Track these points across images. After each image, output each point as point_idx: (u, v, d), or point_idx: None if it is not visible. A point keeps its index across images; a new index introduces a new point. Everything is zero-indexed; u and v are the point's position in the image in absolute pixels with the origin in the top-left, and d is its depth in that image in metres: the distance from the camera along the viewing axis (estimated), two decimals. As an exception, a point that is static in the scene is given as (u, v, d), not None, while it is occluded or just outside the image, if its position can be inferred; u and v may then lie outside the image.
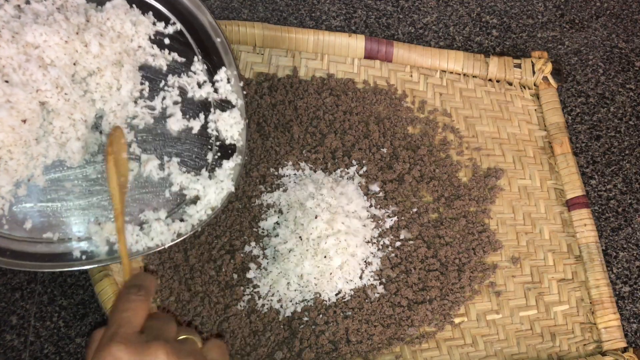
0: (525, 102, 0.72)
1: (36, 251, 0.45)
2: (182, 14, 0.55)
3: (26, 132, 0.45)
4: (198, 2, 0.55)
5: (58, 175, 0.47)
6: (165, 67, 0.53)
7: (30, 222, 0.46)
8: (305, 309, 0.56)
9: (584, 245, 0.66)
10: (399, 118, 0.66)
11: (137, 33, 0.51)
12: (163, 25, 0.53)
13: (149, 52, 0.52)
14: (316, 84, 0.65)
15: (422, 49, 0.69)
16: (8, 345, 0.55)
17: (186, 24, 0.55)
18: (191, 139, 0.52)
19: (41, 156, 0.47)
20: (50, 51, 0.46)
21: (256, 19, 0.72)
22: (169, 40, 0.53)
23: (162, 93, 0.52)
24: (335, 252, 0.55)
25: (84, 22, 0.49)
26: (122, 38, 0.50)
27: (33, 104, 0.45)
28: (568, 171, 0.69)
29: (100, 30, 0.49)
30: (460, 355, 0.59)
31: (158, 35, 0.53)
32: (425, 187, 0.63)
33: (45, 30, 0.46)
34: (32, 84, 0.45)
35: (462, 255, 0.61)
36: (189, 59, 0.54)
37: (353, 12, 0.76)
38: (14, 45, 0.45)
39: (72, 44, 0.47)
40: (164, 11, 0.54)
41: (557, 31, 0.80)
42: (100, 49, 0.48)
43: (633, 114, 0.76)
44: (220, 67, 0.54)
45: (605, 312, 0.64)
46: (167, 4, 0.54)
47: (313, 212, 0.56)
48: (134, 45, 0.51)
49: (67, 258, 0.46)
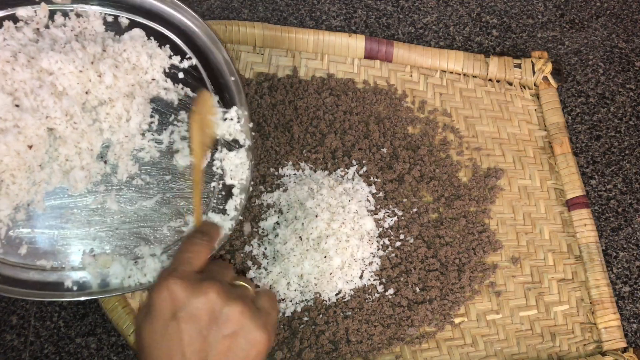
0: (525, 102, 0.72)
1: (28, 278, 0.45)
2: (199, 49, 0.54)
3: (31, 158, 0.45)
4: (215, 39, 0.54)
5: (58, 202, 0.47)
6: (177, 101, 0.52)
7: (25, 248, 0.45)
8: (305, 309, 0.56)
9: (584, 245, 0.66)
10: (399, 118, 0.66)
11: (152, 66, 0.51)
12: (179, 59, 0.53)
13: (162, 85, 0.52)
14: (316, 84, 0.65)
15: (422, 49, 0.69)
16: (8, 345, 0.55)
17: (202, 59, 0.54)
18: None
19: (44, 182, 0.46)
20: (63, 79, 0.46)
21: (256, 19, 0.73)
22: (182, 75, 0.53)
23: (170, 127, 0.51)
24: (335, 252, 0.55)
25: (100, 52, 0.49)
26: (137, 70, 0.50)
27: (41, 130, 0.45)
28: (568, 171, 0.69)
29: (115, 62, 0.49)
30: (460, 355, 0.59)
31: (172, 69, 0.53)
32: (425, 187, 0.63)
33: (61, 57, 0.46)
34: (42, 110, 0.45)
35: (462, 255, 0.61)
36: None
37: (353, 12, 0.76)
38: (29, 70, 0.45)
39: (86, 73, 0.47)
40: (181, 45, 0.54)
41: (557, 31, 0.80)
42: (113, 80, 0.48)
43: (633, 114, 0.76)
44: (231, 105, 0.54)
45: (605, 312, 0.64)
46: (185, 38, 0.54)
47: (313, 212, 0.56)
48: (148, 77, 0.51)
49: (59, 288, 0.46)
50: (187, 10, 0.54)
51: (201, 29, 0.55)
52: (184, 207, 0.51)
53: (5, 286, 0.44)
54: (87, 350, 0.56)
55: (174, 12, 0.54)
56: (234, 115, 0.53)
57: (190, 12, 0.54)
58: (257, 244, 0.57)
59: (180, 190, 0.51)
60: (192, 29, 0.55)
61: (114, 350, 0.56)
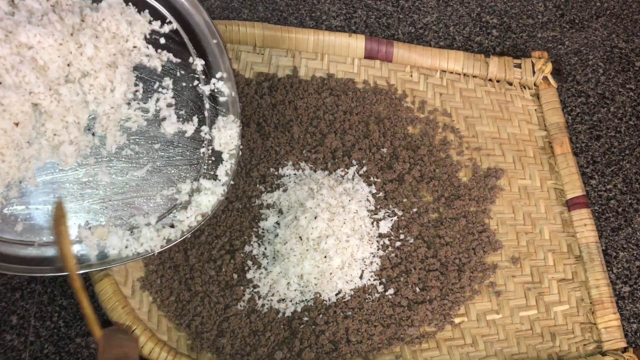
0: (525, 102, 0.72)
1: (26, 254, 0.45)
2: (179, 13, 0.54)
3: (18, 135, 0.45)
4: (195, 2, 0.54)
5: (50, 177, 0.47)
6: (160, 67, 0.52)
7: (21, 225, 0.45)
8: (305, 309, 0.56)
9: (584, 245, 0.66)
10: (399, 118, 0.66)
11: (132, 33, 0.50)
12: (159, 24, 0.52)
13: (143, 53, 0.51)
14: (316, 84, 0.65)
15: (422, 49, 0.69)
16: (8, 345, 0.55)
17: (182, 23, 0.54)
18: (184, 143, 0.52)
19: (33, 158, 0.46)
20: (44, 53, 0.46)
21: (256, 19, 0.73)
22: (164, 40, 0.52)
23: (155, 95, 0.51)
24: (335, 252, 0.55)
25: (78, 23, 0.48)
26: (117, 39, 0.49)
27: (25, 107, 0.45)
28: (568, 171, 0.69)
29: (95, 32, 0.48)
30: (460, 355, 0.59)
31: (154, 35, 0.52)
32: (425, 187, 0.63)
33: (39, 31, 0.45)
34: (25, 86, 0.45)
35: (462, 255, 0.61)
36: (184, 59, 0.53)
37: (353, 12, 0.76)
38: (7, 46, 0.44)
39: (66, 45, 0.46)
40: (160, 9, 0.53)
41: (557, 31, 0.80)
42: (94, 51, 0.48)
43: (633, 114, 0.76)
44: (215, 68, 0.53)
45: (605, 312, 0.64)
46: (164, 2, 0.53)
47: (313, 212, 0.56)
48: (129, 45, 0.50)
49: (57, 262, 0.46)
50: None
51: None
52: (174, 174, 0.50)
53: (5, 263, 0.44)
54: (87, 350, 0.56)
55: None
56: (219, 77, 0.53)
57: None
58: (257, 244, 0.57)
59: (170, 157, 0.51)
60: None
61: (114, 350, 0.56)
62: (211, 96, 0.53)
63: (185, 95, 0.53)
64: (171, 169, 0.51)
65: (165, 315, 0.54)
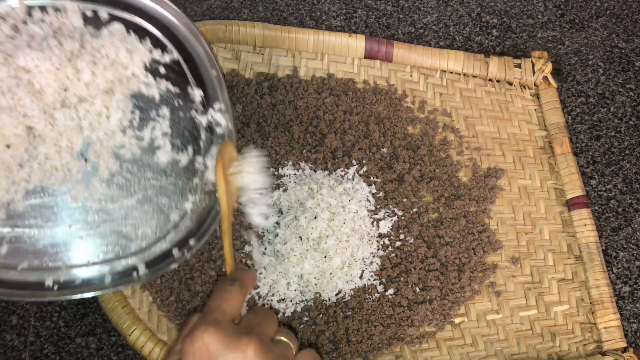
0: (525, 102, 0.72)
1: (8, 278, 0.44)
2: (180, 42, 0.53)
3: (9, 157, 0.44)
4: (196, 31, 0.53)
5: (38, 201, 0.46)
6: (158, 96, 0.51)
7: (5, 248, 0.45)
8: (305, 308, 0.56)
9: (584, 245, 0.66)
10: (399, 118, 0.66)
11: (132, 61, 0.50)
12: (159, 52, 0.52)
13: (142, 81, 0.51)
14: (316, 84, 0.65)
15: (422, 49, 0.69)
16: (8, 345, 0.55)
17: (183, 53, 0.53)
18: (177, 173, 0.51)
19: (23, 181, 0.46)
20: (40, 77, 0.46)
21: (256, 18, 0.73)
22: (164, 69, 0.52)
23: (151, 123, 0.50)
24: (335, 252, 0.55)
25: (77, 48, 0.48)
26: (116, 66, 0.49)
27: (19, 129, 0.45)
28: (568, 171, 0.69)
29: (93, 58, 0.48)
30: (460, 355, 0.59)
31: (153, 63, 0.52)
32: (425, 187, 0.63)
33: (37, 55, 0.45)
34: (20, 109, 0.45)
35: (462, 255, 0.61)
36: (182, 89, 0.52)
37: (353, 12, 0.76)
38: (5, 69, 0.44)
39: (63, 70, 0.46)
40: (162, 38, 0.53)
41: (557, 31, 0.80)
42: (92, 77, 0.47)
43: (633, 114, 0.76)
44: (213, 99, 0.53)
45: (605, 312, 0.64)
46: (166, 31, 0.53)
47: (313, 212, 0.56)
48: (128, 73, 0.50)
49: (40, 287, 0.45)
50: (167, 3, 0.53)
51: (182, 22, 0.53)
52: (165, 204, 0.50)
53: None
54: (87, 350, 0.56)
55: (154, 4, 0.53)
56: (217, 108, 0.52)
57: (171, 5, 0.53)
58: (257, 243, 0.57)
59: (162, 187, 0.50)
60: (173, 21, 0.53)
61: (114, 350, 0.56)
62: (208, 127, 0.53)
63: (181, 124, 0.52)
64: (162, 199, 0.50)
65: (165, 315, 0.54)
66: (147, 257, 0.48)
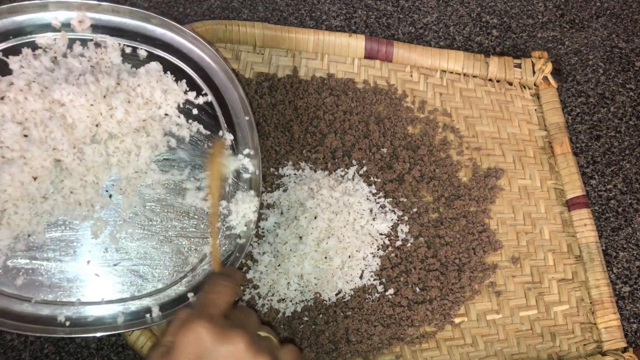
0: (526, 102, 0.72)
1: (21, 310, 0.44)
2: (216, 86, 0.54)
3: (34, 189, 0.45)
4: (232, 76, 0.54)
5: (59, 234, 0.46)
6: (188, 137, 0.52)
7: (21, 279, 0.45)
8: (305, 308, 0.56)
9: (584, 245, 0.66)
10: (399, 118, 0.66)
11: (166, 101, 0.50)
12: (194, 94, 0.52)
13: (174, 121, 0.51)
14: (316, 84, 0.65)
15: (422, 49, 0.69)
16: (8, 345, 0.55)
17: (217, 97, 0.54)
18: (199, 215, 0.51)
19: (46, 213, 0.46)
20: (74, 111, 0.46)
21: (256, 18, 0.73)
22: (197, 111, 0.52)
23: (179, 164, 0.51)
24: (335, 252, 0.55)
25: (113, 85, 0.48)
26: (150, 105, 0.50)
27: (47, 162, 0.45)
28: (568, 171, 0.69)
29: (128, 96, 0.48)
30: (460, 355, 0.59)
31: (187, 104, 0.52)
32: (425, 187, 0.63)
33: (73, 90, 0.45)
34: (50, 142, 0.45)
35: (462, 255, 0.61)
36: (213, 132, 0.53)
37: (353, 12, 0.76)
38: (41, 101, 0.45)
39: (97, 106, 0.47)
40: (198, 80, 0.53)
41: (557, 31, 0.80)
42: (125, 115, 0.48)
43: (633, 114, 0.76)
44: (243, 144, 0.53)
45: (605, 312, 0.64)
46: (202, 73, 0.53)
47: (313, 212, 0.56)
48: (161, 112, 0.50)
49: (52, 322, 0.45)
50: (206, 46, 0.53)
51: (219, 66, 0.54)
52: (185, 246, 0.50)
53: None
54: (87, 350, 0.56)
55: (194, 47, 0.54)
56: (246, 153, 0.53)
57: (210, 49, 0.54)
58: (257, 243, 0.57)
59: (183, 228, 0.50)
60: (211, 65, 0.54)
61: (114, 350, 0.56)
62: (235, 171, 0.53)
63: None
64: (183, 240, 0.50)
65: (165, 315, 0.54)
66: (162, 299, 0.48)
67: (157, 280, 0.48)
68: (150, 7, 0.71)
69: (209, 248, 0.50)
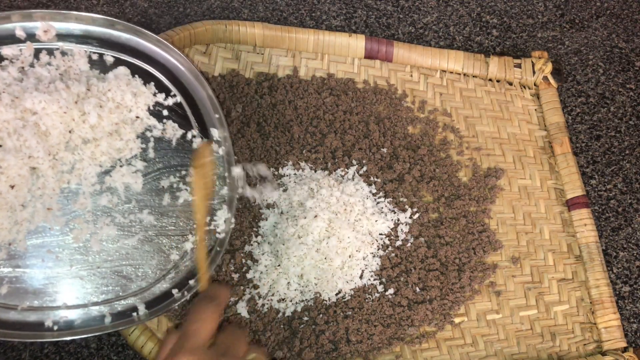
0: (526, 102, 0.72)
1: (7, 318, 0.44)
2: (183, 86, 0.55)
3: (13, 198, 0.45)
4: (199, 75, 0.55)
5: (40, 241, 0.46)
6: (161, 137, 0.52)
7: (5, 287, 0.45)
8: (306, 308, 0.56)
9: (584, 245, 0.66)
10: (399, 118, 0.66)
11: (136, 104, 0.51)
12: (163, 96, 0.53)
13: (146, 123, 0.52)
14: (316, 84, 0.65)
15: (422, 49, 0.69)
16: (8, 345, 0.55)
17: (186, 97, 0.55)
18: (177, 213, 0.51)
19: (26, 221, 0.46)
20: (47, 119, 0.46)
21: (256, 18, 0.73)
22: (167, 112, 0.53)
23: (153, 164, 0.51)
24: (335, 252, 0.55)
25: (84, 91, 0.48)
26: (121, 109, 0.50)
27: (23, 170, 0.45)
28: (568, 171, 0.69)
29: (99, 101, 0.49)
30: (460, 355, 0.59)
31: (157, 107, 0.53)
32: (425, 187, 0.63)
33: (45, 98, 0.46)
34: (25, 150, 0.45)
35: (462, 255, 0.61)
36: (185, 132, 0.54)
37: (353, 12, 0.76)
38: (12, 110, 0.45)
39: (70, 113, 0.47)
40: (165, 82, 0.54)
41: (557, 31, 0.80)
42: (98, 120, 0.48)
43: (633, 114, 0.76)
44: (215, 141, 0.54)
45: (605, 312, 0.64)
46: (169, 75, 0.54)
47: (313, 212, 0.56)
48: (132, 115, 0.51)
49: (39, 328, 0.45)
50: (171, 48, 0.55)
51: (185, 66, 0.55)
52: (166, 244, 0.50)
53: None
54: (87, 350, 0.56)
55: (159, 50, 0.55)
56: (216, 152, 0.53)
57: (175, 50, 0.55)
58: (257, 243, 0.57)
59: (162, 227, 0.50)
60: (177, 66, 0.55)
61: (114, 350, 0.56)
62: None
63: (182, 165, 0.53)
64: (163, 239, 0.50)
65: (165, 315, 0.54)
66: (147, 297, 0.49)
67: (140, 279, 0.49)
68: (150, 7, 0.71)
69: (190, 245, 0.51)
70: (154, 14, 0.71)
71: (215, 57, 0.64)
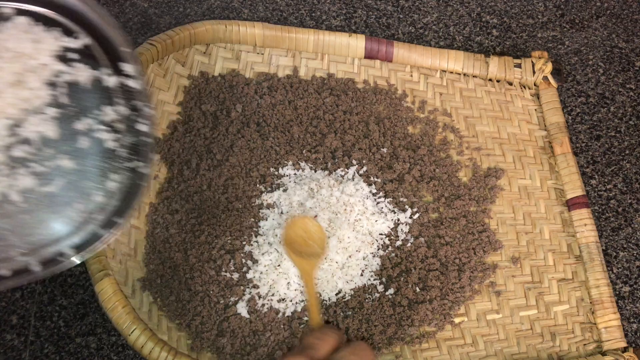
0: (526, 102, 0.72)
1: None
2: (91, 27, 0.53)
3: None
4: (104, 14, 0.53)
5: None
6: (75, 81, 0.51)
7: None
8: (305, 308, 0.56)
9: (584, 245, 0.66)
10: (399, 118, 0.66)
11: (38, 51, 0.50)
12: (69, 39, 0.51)
13: (54, 69, 0.50)
14: (316, 84, 0.65)
15: (422, 49, 0.69)
16: (8, 345, 0.55)
17: (94, 37, 0.53)
18: (95, 153, 0.50)
19: None
20: None
21: (256, 18, 0.73)
22: (77, 55, 0.52)
23: (67, 108, 0.50)
24: (335, 252, 0.55)
25: None
26: (23, 57, 0.49)
27: None
28: (568, 171, 0.69)
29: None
30: (460, 355, 0.59)
31: (68, 52, 0.51)
32: (425, 187, 0.63)
33: None
34: None
35: (462, 255, 0.61)
36: (97, 69, 0.52)
37: (353, 12, 0.76)
38: None
39: None
40: (70, 25, 0.53)
41: (557, 31, 0.80)
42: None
43: (633, 114, 0.76)
44: (129, 76, 0.53)
45: (605, 312, 0.64)
46: (74, 17, 0.53)
47: (313, 212, 0.56)
48: (35, 63, 0.50)
49: None
50: None
51: (89, 6, 0.53)
52: (90, 187, 0.49)
53: None
54: (87, 350, 0.56)
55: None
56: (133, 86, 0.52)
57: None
58: (257, 243, 0.57)
59: (83, 171, 0.49)
60: (80, 7, 0.53)
61: (114, 350, 0.56)
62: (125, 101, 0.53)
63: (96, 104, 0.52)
64: (86, 182, 0.50)
65: (165, 315, 0.54)
66: (76, 241, 0.48)
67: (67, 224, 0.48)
68: (150, 7, 0.71)
69: (114, 184, 0.50)
70: (154, 14, 0.71)
71: (215, 57, 0.64)
